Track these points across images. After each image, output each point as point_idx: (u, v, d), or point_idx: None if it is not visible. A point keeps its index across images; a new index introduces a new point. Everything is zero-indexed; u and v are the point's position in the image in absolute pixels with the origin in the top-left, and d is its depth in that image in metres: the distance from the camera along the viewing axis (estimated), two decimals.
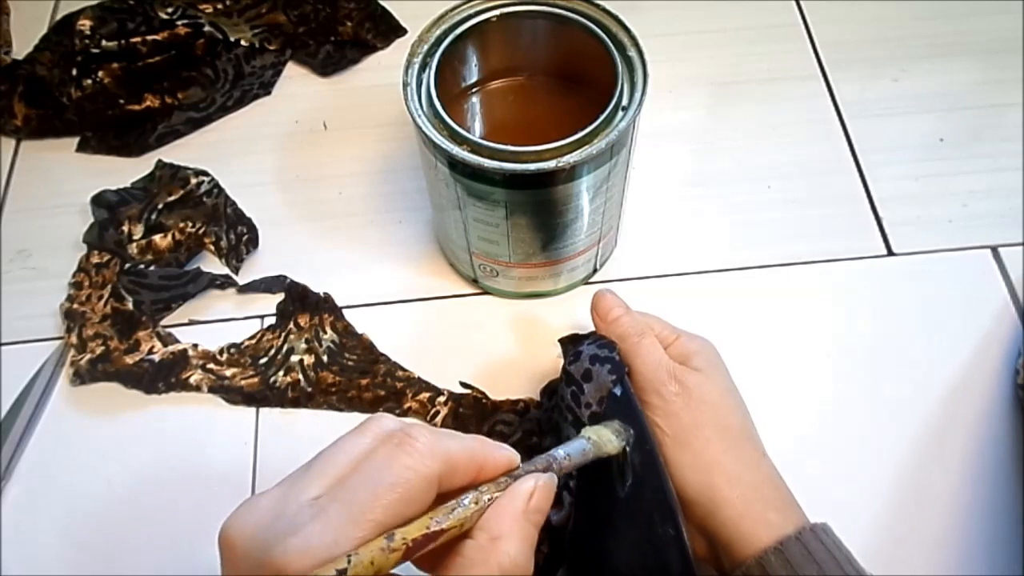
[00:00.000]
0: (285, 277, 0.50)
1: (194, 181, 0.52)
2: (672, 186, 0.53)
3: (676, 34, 0.59)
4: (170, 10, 0.57)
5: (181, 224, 0.50)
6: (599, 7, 0.41)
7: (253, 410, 0.46)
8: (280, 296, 0.49)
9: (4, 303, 0.50)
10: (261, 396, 0.46)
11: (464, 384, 0.46)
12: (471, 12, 0.41)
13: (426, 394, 0.46)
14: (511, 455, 0.27)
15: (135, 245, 0.49)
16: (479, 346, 0.47)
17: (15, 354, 0.48)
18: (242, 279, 0.50)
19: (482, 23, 0.41)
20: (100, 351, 0.46)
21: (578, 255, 0.45)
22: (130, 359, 0.46)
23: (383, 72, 0.59)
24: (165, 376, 0.46)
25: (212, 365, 0.47)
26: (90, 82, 0.54)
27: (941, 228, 0.51)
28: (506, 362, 0.47)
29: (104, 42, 0.55)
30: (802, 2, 0.61)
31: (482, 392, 0.46)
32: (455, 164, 0.37)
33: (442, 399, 0.45)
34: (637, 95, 0.38)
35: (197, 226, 0.51)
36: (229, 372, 0.46)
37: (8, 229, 0.53)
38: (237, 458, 0.44)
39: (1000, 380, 0.46)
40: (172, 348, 0.47)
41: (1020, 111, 0.55)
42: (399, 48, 0.60)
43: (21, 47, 0.59)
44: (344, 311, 0.48)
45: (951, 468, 0.43)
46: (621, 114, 0.38)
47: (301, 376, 0.46)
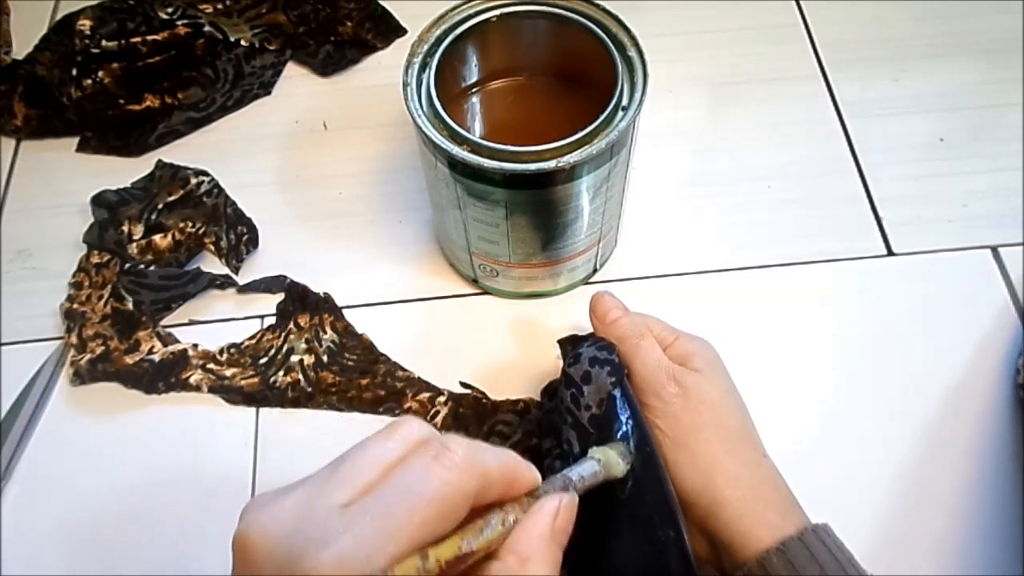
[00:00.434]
0: (285, 277, 0.50)
1: (194, 181, 0.52)
2: (672, 186, 0.53)
3: (676, 34, 0.59)
4: (170, 10, 0.57)
5: (181, 224, 0.50)
6: (599, 7, 0.41)
7: (253, 410, 0.46)
8: (280, 296, 0.49)
9: (4, 303, 0.50)
10: (261, 396, 0.46)
11: (464, 384, 0.46)
12: (471, 12, 0.41)
13: (426, 394, 0.46)
14: (536, 475, 0.27)
15: (135, 245, 0.49)
16: (479, 346, 0.47)
17: (15, 354, 0.48)
18: (242, 279, 0.50)
19: (482, 23, 0.41)
20: (100, 351, 0.46)
21: (578, 255, 0.45)
22: (130, 359, 0.46)
23: (383, 72, 0.59)
24: (165, 376, 0.46)
25: (212, 365, 0.47)
26: (90, 82, 0.54)
27: (941, 228, 0.51)
28: (506, 362, 0.47)
29: (104, 42, 0.55)
30: (802, 2, 0.61)
31: (482, 392, 0.46)
32: (455, 164, 0.37)
33: (442, 399, 0.45)
34: (637, 95, 0.38)
35: (197, 226, 0.51)
36: (229, 372, 0.46)
37: (8, 229, 0.53)
38: (237, 458, 0.44)
39: (1000, 380, 0.46)
40: (172, 348, 0.47)
41: (1020, 111, 0.55)
42: (399, 48, 0.60)
43: (21, 47, 0.59)
44: (344, 311, 0.48)
45: (951, 468, 0.43)
46: (621, 114, 0.38)
47: (301, 376, 0.46)
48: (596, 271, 0.50)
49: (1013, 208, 0.52)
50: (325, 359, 0.47)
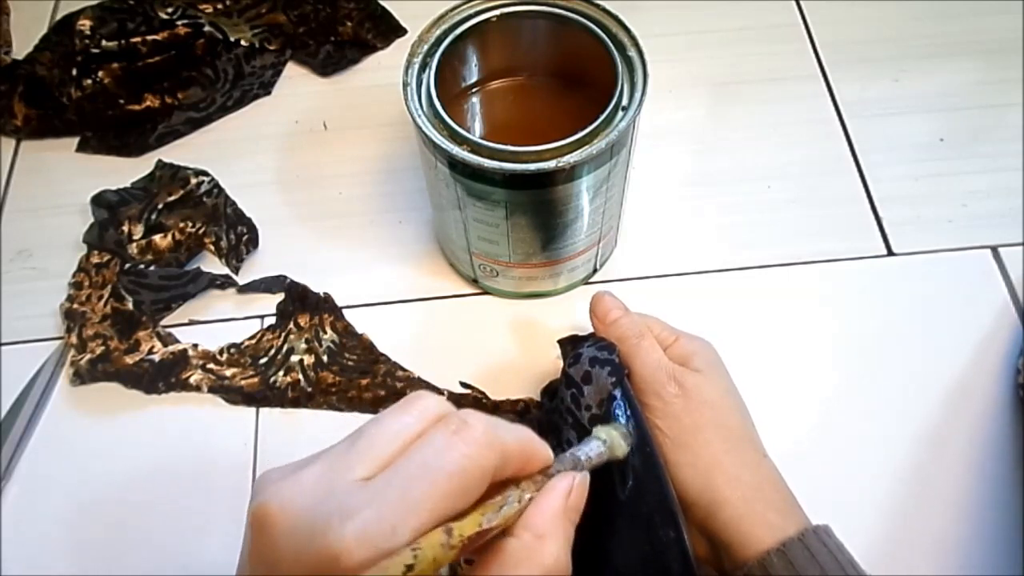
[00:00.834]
0: (285, 277, 0.50)
1: (194, 181, 0.52)
2: (672, 186, 0.53)
3: (676, 34, 0.59)
4: (170, 10, 0.57)
5: (181, 224, 0.50)
6: (599, 7, 0.41)
7: (253, 410, 0.46)
8: (280, 296, 0.49)
9: (4, 303, 0.50)
10: (261, 396, 0.46)
11: (464, 384, 0.46)
12: (471, 12, 0.41)
13: None
14: (550, 453, 0.27)
15: (135, 245, 0.49)
16: (479, 346, 0.47)
17: (15, 354, 0.48)
18: (242, 279, 0.50)
19: (482, 23, 0.41)
20: (100, 351, 0.46)
21: (578, 255, 0.45)
22: (130, 359, 0.46)
23: (383, 72, 0.59)
24: (165, 376, 0.46)
25: (212, 365, 0.47)
26: (90, 82, 0.54)
27: (941, 228, 0.51)
28: (506, 362, 0.47)
29: (104, 42, 0.55)
30: (802, 2, 0.61)
31: (482, 392, 0.46)
32: (455, 164, 0.37)
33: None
34: (637, 95, 0.38)
35: (197, 226, 0.51)
36: (229, 372, 0.46)
37: (8, 229, 0.53)
38: (237, 458, 0.44)
39: (1000, 380, 0.46)
40: (172, 348, 0.47)
41: (1020, 111, 0.55)
42: (399, 48, 0.60)
43: (21, 47, 0.59)
44: (344, 311, 0.48)
45: (951, 468, 0.43)
46: (621, 114, 0.38)
47: (301, 376, 0.46)
48: (596, 271, 0.50)
49: (1013, 208, 0.52)
50: (325, 359, 0.47)
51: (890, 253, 0.50)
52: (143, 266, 0.49)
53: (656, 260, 0.50)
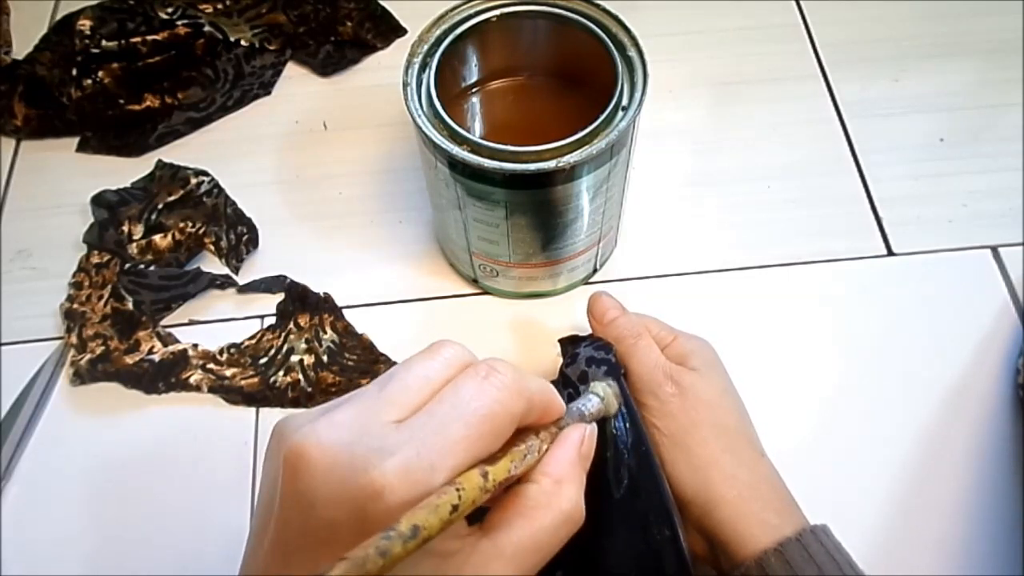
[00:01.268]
0: (285, 277, 0.50)
1: (194, 181, 0.52)
2: (672, 186, 0.53)
3: (676, 34, 0.59)
4: (170, 10, 0.57)
5: (181, 224, 0.50)
6: (599, 7, 0.41)
7: (253, 410, 0.46)
8: (280, 296, 0.49)
9: (4, 303, 0.50)
10: (261, 396, 0.46)
11: None
12: (471, 12, 0.41)
13: None
14: (564, 405, 0.28)
15: (135, 245, 0.49)
16: (479, 346, 0.47)
17: (15, 354, 0.48)
18: (242, 279, 0.50)
19: (482, 23, 0.41)
20: (100, 351, 0.46)
21: (578, 255, 0.45)
22: (130, 359, 0.46)
23: (383, 72, 0.59)
24: (165, 376, 0.46)
25: (212, 365, 0.47)
26: (90, 82, 0.54)
27: (941, 228, 0.51)
28: None
29: (104, 42, 0.55)
30: (802, 2, 0.61)
31: None
32: (455, 164, 0.37)
33: None
34: (637, 95, 0.38)
35: (197, 226, 0.51)
36: (229, 372, 0.46)
37: (8, 229, 0.53)
38: (237, 458, 0.44)
39: (1000, 380, 0.45)
40: (172, 348, 0.47)
41: (1020, 111, 0.55)
42: (399, 48, 0.60)
43: (21, 47, 0.59)
44: (344, 311, 0.48)
45: (951, 468, 0.43)
46: (621, 114, 0.38)
47: (301, 376, 0.46)
48: (596, 271, 0.50)
49: (1013, 208, 0.52)
50: (325, 359, 0.47)
51: (890, 253, 0.50)
52: (143, 266, 0.49)
53: (656, 260, 0.50)
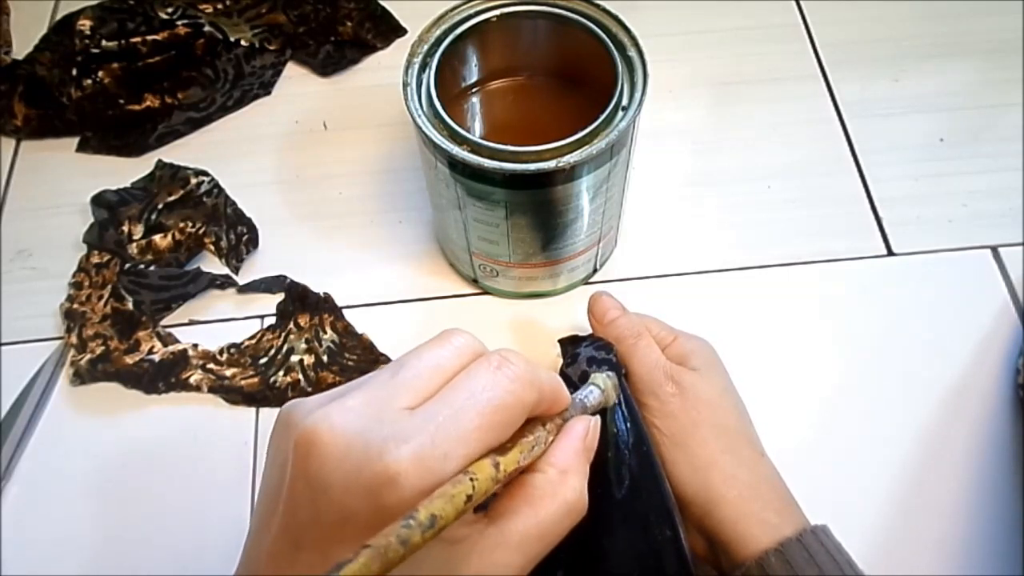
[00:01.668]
0: (285, 277, 0.50)
1: (194, 181, 0.52)
2: (672, 186, 0.53)
3: (676, 34, 0.59)
4: (170, 10, 0.57)
5: (181, 224, 0.50)
6: (599, 7, 0.41)
7: (253, 410, 0.46)
8: (280, 296, 0.49)
9: (4, 303, 0.50)
10: (261, 396, 0.46)
11: None
12: (471, 12, 0.41)
13: None
14: (569, 398, 0.28)
15: (135, 245, 0.49)
16: None
17: (15, 354, 0.48)
18: (242, 279, 0.50)
19: (482, 23, 0.41)
20: (100, 351, 0.46)
21: (578, 255, 0.45)
22: (130, 359, 0.46)
23: (383, 72, 0.59)
24: (165, 376, 0.46)
25: (212, 365, 0.47)
26: (90, 82, 0.54)
27: (941, 228, 0.51)
28: None
29: (104, 42, 0.55)
30: (802, 2, 0.61)
31: None
32: (455, 164, 0.37)
33: None
34: (637, 95, 0.38)
35: (197, 226, 0.51)
36: (229, 372, 0.46)
37: (8, 229, 0.53)
38: (237, 458, 0.44)
39: (1000, 380, 0.45)
40: (172, 348, 0.47)
41: (1020, 111, 0.55)
42: (399, 48, 0.60)
43: (21, 47, 0.59)
44: (344, 311, 0.48)
45: (951, 468, 0.43)
46: (621, 114, 0.38)
47: (301, 376, 0.46)
48: (596, 271, 0.50)
49: (1013, 208, 0.52)
50: (325, 359, 0.47)
51: (890, 253, 0.50)
52: (143, 266, 0.49)
53: (656, 260, 0.50)
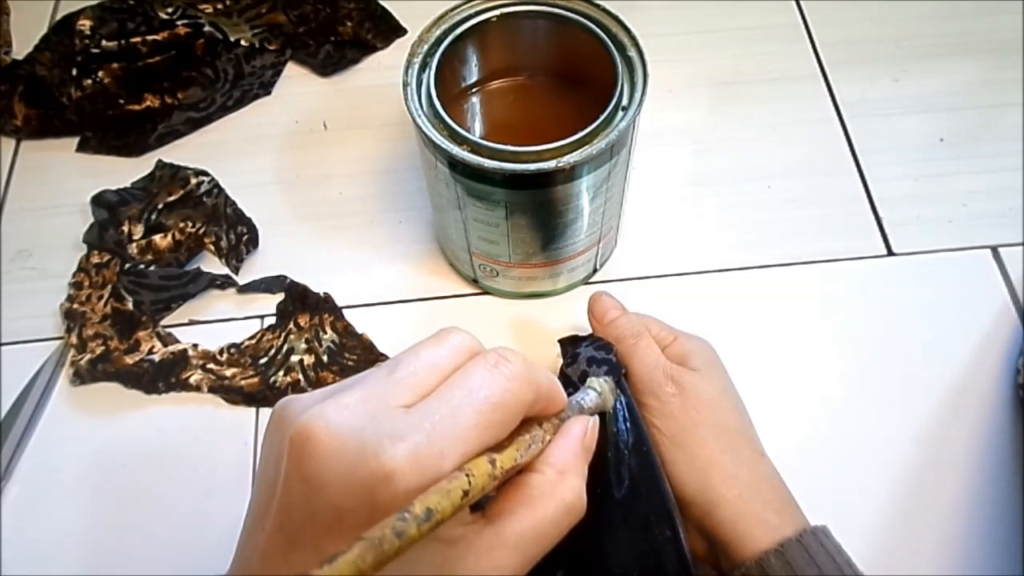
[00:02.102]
0: (285, 277, 0.50)
1: (194, 181, 0.52)
2: (672, 186, 0.53)
3: (676, 34, 0.59)
4: (170, 10, 0.57)
5: (181, 224, 0.50)
6: (599, 7, 0.41)
7: (253, 410, 0.46)
8: (280, 296, 0.49)
9: (4, 303, 0.50)
10: (261, 396, 0.46)
11: None
12: (471, 12, 0.41)
13: None
14: (566, 396, 0.28)
15: (135, 245, 0.49)
16: None
17: (15, 354, 0.48)
18: (242, 279, 0.50)
19: (482, 23, 0.41)
20: (100, 351, 0.46)
21: (578, 255, 0.45)
22: (130, 359, 0.46)
23: (383, 72, 0.59)
24: (165, 376, 0.46)
25: (212, 365, 0.47)
26: (90, 82, 0.54)
27: (941, 228, 0.51)
28: None
29: (104, 42, 0.55)
30: (802, 2, 0.61)
31: None
32: (455, 164, 0.37)
33: None
34: (637, 95, 0.38)
35: (197, 226, 0.51)
36: (229, 372, 0.46)
37: (8, 229, 0.53)
38: (237, 458, 0.44)
39: (1000, 380, 0.45)
40: (172, 348, 0.47)
41: (1020, 111, 0.55)
42: (399, 48, 0.60)
43: (21, 47, 0.59)
44: (344, 311, 0.48)
45: (951, 468, 0.43)
46: (621, 114, 0.38)
47: (301, 376, 0.46)
48: (596, 271, 0.50)
49: (1013, 208, 0.52)
50: (325, 359, 0.47)
51: (890, 253, 0.50)
52: (143, 266, 0.49)
53: (656, 260, 0.50)
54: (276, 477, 0.23)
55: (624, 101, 0.38)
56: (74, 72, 0.55)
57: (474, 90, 0.46)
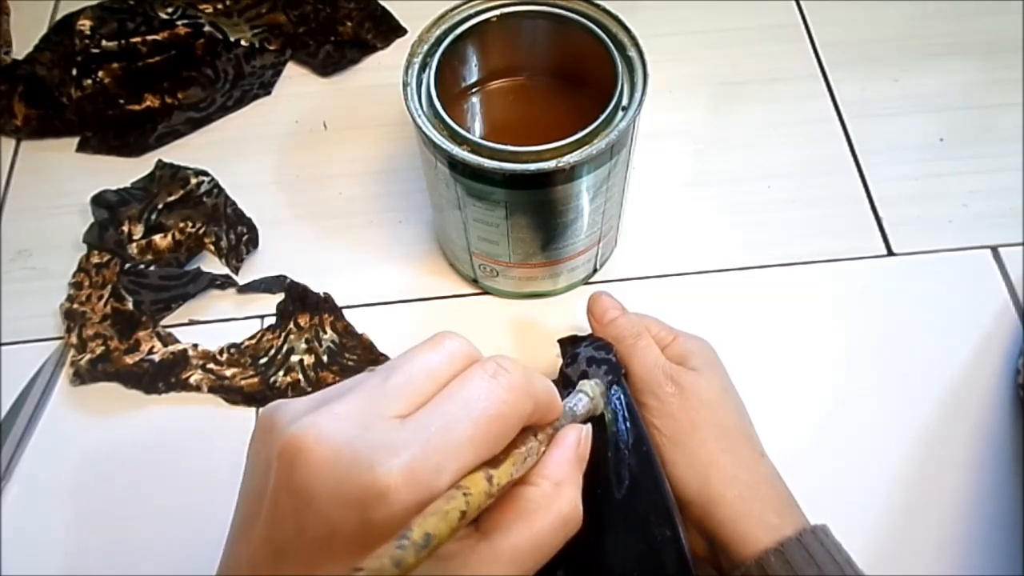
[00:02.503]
0: (285, 277, 0.50)
1: (194, 181, 0.52)
2: (672, 186, 0.53)
3: (676, 34, 0.59)
4: (170, 10, 0.57)
5: (181, 224, 0.50)
6: (599, 7, 0.41)
7: (253, 410, 0.46)
8: (280, 296, 0.49)
9: (4, 303, 0.50)
10: (261, 396, 0.46)
11: None
12: (471, 12, 0.41)
13: None
14: (561, 404, 0.28)
15: (135, 245, 0.49)
16: (479, 346, 0.47)
17: (15, 354, 0.48)
18: (242, 279, 0.50)
19: (482, 23, 0.41)
20: (100, 351, 0.46)
21: (578, 255, 0.45)
22: (130, 359, 0.46)
23: (383, 72, 0.59)
24: (165, 376, 0.46)
25: (212, 365, 0.47)
26: (90, 82, 0.54)
27: (941, 228, 0.51)
28: None
29: (104, 42, 0.55)
30: (802, 2, 0.61)
31: None
32: (455, 164, 0.37)
33: None
34: (637, 95, 0.38)
35: (197, 226, 0.51)
36: (229, 372, 0.46)
37: (8, 229, 0.53)
38: (237, 458, 0.44)
39: (1000, 380, 0.45)
40: (172, 348, 0.47)
41: (1020, 111, 0.55)
42: (399, 48, 0.60)
43: (21, 47, 0.59)
44: (344, 311, 0.48)
45: (951, 468, 0.43)
46: (621, 114, 0.38)
47: (301, 376, 0.46)
48: (596, 271, 0.50)
49: (1013, 208, 0.52)
50: (325, 359, 0.47)
51: (890, 253, 0.50)
52: (143, 266, 0.49)
53: (656, 260, 0.50)
54: (264, 488, 0.22)
55: (624, 101, 0.38)
56: (74, 72, 0.55)
57: (474, 90, 0.46)
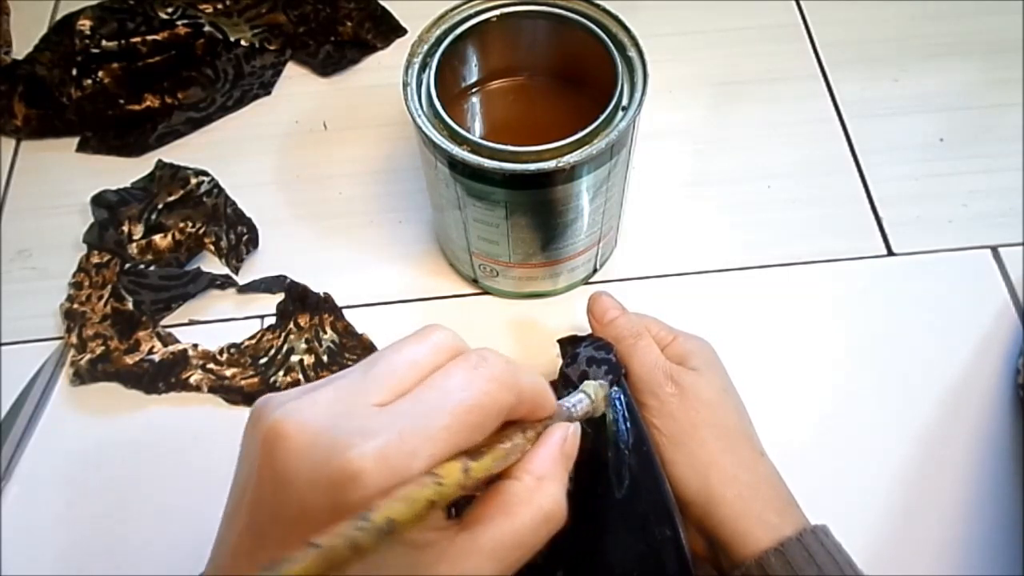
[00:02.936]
0: (285, 277, 0.50)
1: (194, 181, 0.52)
2: (672, 186, 0.53)
3: (676, 34, 0.59)
4: (170, 10, 0.57)
5: (181, 224, 0.50)
6: (599, 7, 0.41)
7: None
8: (280, 296, 0.49)
9: (4, 303, 0.50)
10: (261, 396, 0.46)
11: None
12: (471, 12, 0.41)
13: None
14: (554, 405, 0.27)
15: (135, 245, 0.49)
16: (479, 346, 0.47)
17: (15, 354, 0.48)
18: (242, 279, 0.50)
19: (482, 23, 0.41)
20: (100, 351, 0.46)
21: (578, 255, 0.45)
22: (130, 359, 0.46)
23: (383, 72, 0.59)
24: (165, 376, 0.46)
25: (212, 365, 0.47)
26: (90, 82, 0.54)
27: (941, 228, 0.51)
28: None
29: (104, 42, 0.55)
30: (802, 2, 0.61)
31: None
32: (455, 164, 0.37)
33: None
34: (637, 95, 0.38)
35: (197, 226, 0.51)
36: (229, 372, 0.46)
37: (8, 229, 0.53)
38: (237, 458, 0.44)
39: (1000, 380, 0.45)
40: (172, 348, 0.47)
41: (1020, 111, 0.55)
42: (399, 48, 0.60)
43: (21, 47, 0.59)
44: (344, 311, 0.48)
45: (951, 468, 0.43)
46: (621, 114, 0.38)
47: (301, 376, 0.46)
48: (596, 271, 0.50)
49: (1013, 208, 0.52)
50: (325, 359, 0.47)
51: (890, 253, 0.50)
52: (143, 266, 0.49)
53: (656, 260, 0.50)
54: (249, 475, 0.22)
55: (624, 101, 0.38)
56: (74, 72, 0.55)
57: (474, 90, 0.46)
